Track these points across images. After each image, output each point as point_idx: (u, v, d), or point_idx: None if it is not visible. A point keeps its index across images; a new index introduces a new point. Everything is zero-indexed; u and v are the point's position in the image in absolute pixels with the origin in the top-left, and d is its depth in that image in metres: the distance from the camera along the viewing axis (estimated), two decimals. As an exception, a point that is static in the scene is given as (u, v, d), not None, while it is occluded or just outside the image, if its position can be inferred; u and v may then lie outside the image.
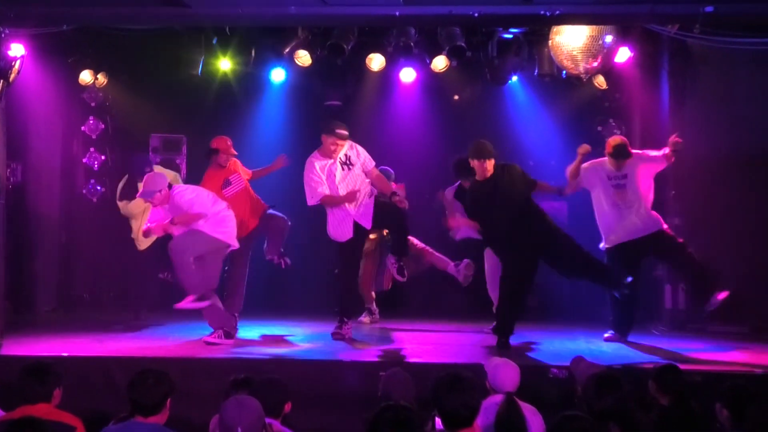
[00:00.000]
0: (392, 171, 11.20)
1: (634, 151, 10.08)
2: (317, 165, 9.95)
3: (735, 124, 11.30)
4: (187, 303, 9.62)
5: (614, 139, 10.13)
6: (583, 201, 10.50)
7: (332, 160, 9.94)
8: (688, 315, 11.29)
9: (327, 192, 9.90)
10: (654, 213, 10.04)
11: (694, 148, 11.19)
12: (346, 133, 9.98)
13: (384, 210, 10.15)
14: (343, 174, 9.95)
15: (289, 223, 10.70)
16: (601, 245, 10.13)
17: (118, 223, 11.50)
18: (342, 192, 9.89)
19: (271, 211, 10.69)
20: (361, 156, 10.07)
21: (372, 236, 10.85)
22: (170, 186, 9.69)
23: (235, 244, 9.89)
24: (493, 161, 9.66)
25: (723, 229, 11.08)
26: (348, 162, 9.99)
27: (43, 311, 12.31)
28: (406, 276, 10.45)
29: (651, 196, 10.04)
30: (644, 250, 10.07)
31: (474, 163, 9.73)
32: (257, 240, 10.77)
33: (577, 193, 10.26)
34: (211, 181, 10.55)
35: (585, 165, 10.13)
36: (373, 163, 10.18)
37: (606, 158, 10.02)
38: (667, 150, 9.94)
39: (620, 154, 9.90)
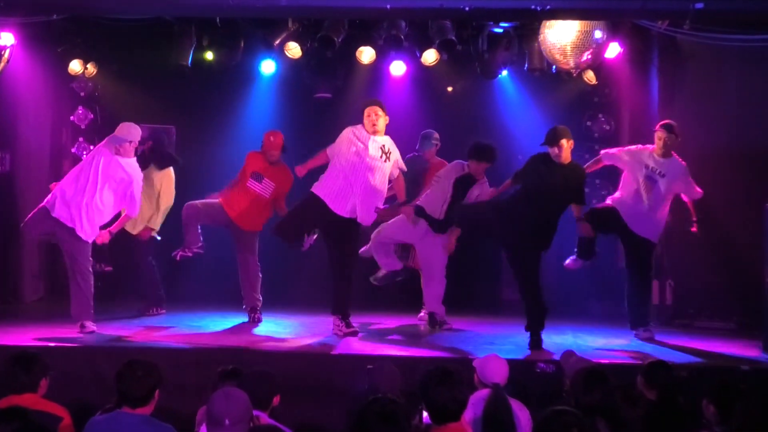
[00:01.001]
0: (436, 133, 11.23)
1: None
2: (352, 131, 9.87)
3: (723, 120, 11.31)
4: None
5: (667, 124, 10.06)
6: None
7: (370, 135, 9.78)
8: (675, 311, 11.31)
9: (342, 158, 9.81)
10: (662, 226, 10.11)
11: (682, 143, 11.19)
12: (380, 103, 9.93)
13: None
14: (377, 157, 9.77)
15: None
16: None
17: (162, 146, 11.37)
18: (366, 172, 9.73)
19: None
20: (396, 158, 9.95)
21: None
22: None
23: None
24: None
25: (710, 225, 11.09)
26: (386, 153, 9.82)
27: (29, 301, 12.27)
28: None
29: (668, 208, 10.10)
30: (623, 236, 10.12)
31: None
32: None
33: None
34: (252, 161, 10.69)
35: (631, 147, 10.21)
36: (404, 169, 10.10)
37: (652, 149, 9.99)
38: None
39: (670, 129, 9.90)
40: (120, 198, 9.73)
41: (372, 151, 9.72)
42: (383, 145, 9.81)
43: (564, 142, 9.47)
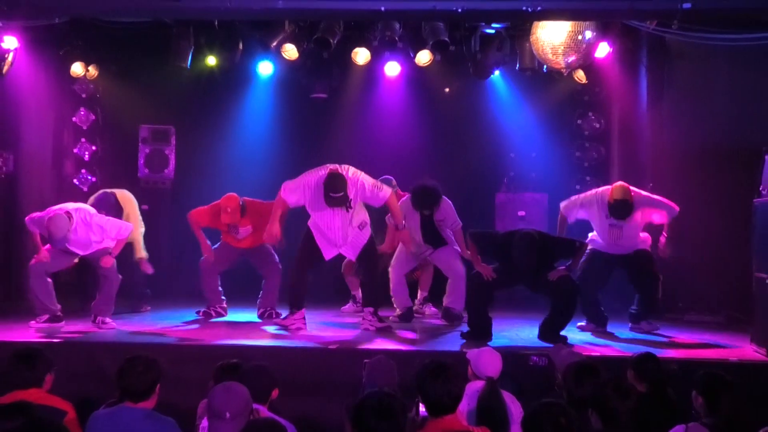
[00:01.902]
0: (393, 179, 11.04)
1: (641, 193, 9.92)
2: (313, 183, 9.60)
3: (711, 117, 11.32)
4: None
5: (617, 191, 9.80)
6: (565, 195, 10.47)
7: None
8: (666, 305, 11.31)
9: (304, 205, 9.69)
10: (642, 236, 10.09)
11: (671, 140, 11.24)
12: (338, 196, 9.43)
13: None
14: (339, 210, 9.56)
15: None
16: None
17: (107, 212, 11.37)
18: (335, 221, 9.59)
19: None
20: (364, 198, 9.59)
21: None
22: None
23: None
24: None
25: (699, 221, 11.11)
26: (347, 205, 9.52)
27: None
28: None
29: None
30: (618, 263, 10.09)
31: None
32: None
33: (557, 187, 10.16)
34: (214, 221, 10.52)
35: (587, 195, 10.06)
36: (383, 198, 9.63)
37: (608, 196, 9.81)
38: (662, 243, 10.10)
39: (619, 212, 9.74)
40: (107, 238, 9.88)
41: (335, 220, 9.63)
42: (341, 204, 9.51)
43: None
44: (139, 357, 5.54)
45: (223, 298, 10.70)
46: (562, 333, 9.10)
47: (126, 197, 11.10)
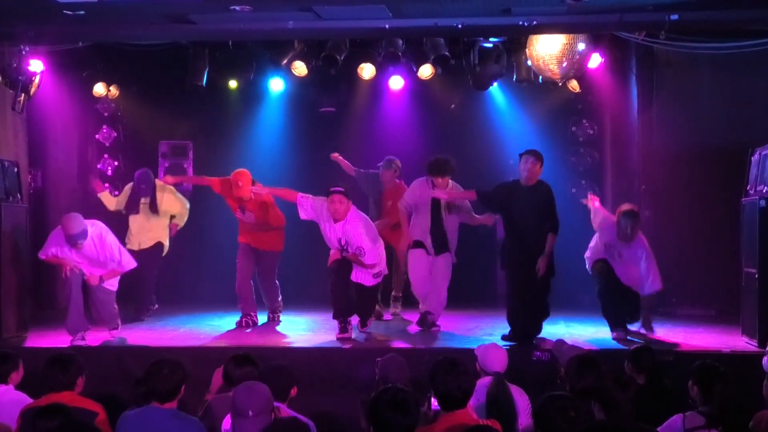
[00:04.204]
0: (396, 160, 10.97)
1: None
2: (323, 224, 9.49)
3: (698, 121, 11.37)
4: None
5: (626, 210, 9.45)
6: (561, 199, 10.44)
7: (330, 225, 9.42)
8: (659, 300, 11.31)
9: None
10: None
11: (661, 144, 11.25)
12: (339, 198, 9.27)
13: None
14: (338, 248, 9.44)
15: None
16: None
17: (146, 187, 11.26)
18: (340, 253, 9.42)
19: None
20: (356, 246, 9.27)
21: None
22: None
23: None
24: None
25: (690, 219, 11.15)
26: (343, 246, 9.35)
27: (62, 307, 12.26)
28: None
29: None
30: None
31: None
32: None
33: (553, 191, 10.06)
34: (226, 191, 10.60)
35: (600, 218, 9.74)
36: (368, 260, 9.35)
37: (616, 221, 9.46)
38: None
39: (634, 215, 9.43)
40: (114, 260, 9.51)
41: (333, 240, 9.45)
42: (340, 239, 9.35)
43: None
44: (165, 360, 5.53)
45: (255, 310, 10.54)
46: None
47: (160, 183, 11.16)
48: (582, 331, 9.82)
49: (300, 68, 11.92)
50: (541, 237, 9.18)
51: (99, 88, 12.48)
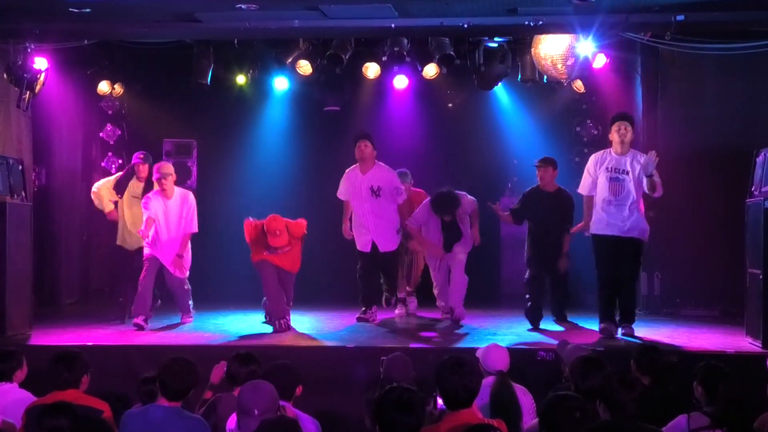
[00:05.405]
0: (409, 173, 11.11)
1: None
2: (346, 173, 10.40)
3: (703, 122, 11.37)
4: None
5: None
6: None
7: (359, 174, 10.26)
8: (663, 301, 11.33)
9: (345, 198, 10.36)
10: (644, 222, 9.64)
11: (666, 145, 11.23)
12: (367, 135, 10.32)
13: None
14: (369, 196, 10.22)
15: None
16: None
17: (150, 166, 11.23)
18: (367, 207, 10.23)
19: None
20: (390, 191, 10.26)
21: None
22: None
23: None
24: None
25: (694, 220, 11.14)
26: (375, 192, 10.18)
27: (65, 304, 12.32)
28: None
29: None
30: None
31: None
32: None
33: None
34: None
35: (592, 157, 9.84)
36: (402, 198, 10.38)
37: (611, 148, 9.63)
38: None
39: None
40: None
41: (363, 192, 10.16)
42: (372, 185, 10.17)
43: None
44: (181, 359, 5.53)
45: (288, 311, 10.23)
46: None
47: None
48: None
49: (305, 67, 11.92)
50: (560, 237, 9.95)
51: (103, 86, 12.49)
